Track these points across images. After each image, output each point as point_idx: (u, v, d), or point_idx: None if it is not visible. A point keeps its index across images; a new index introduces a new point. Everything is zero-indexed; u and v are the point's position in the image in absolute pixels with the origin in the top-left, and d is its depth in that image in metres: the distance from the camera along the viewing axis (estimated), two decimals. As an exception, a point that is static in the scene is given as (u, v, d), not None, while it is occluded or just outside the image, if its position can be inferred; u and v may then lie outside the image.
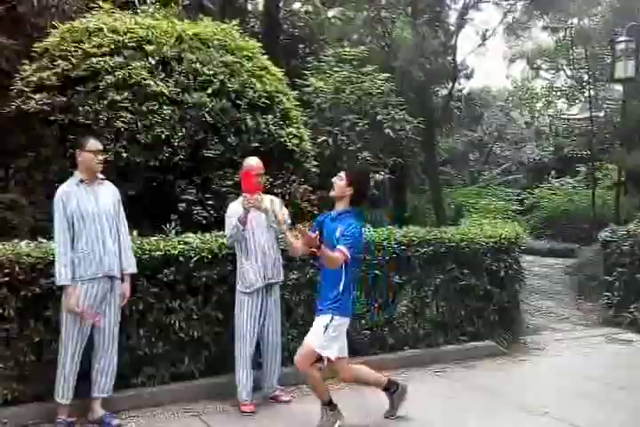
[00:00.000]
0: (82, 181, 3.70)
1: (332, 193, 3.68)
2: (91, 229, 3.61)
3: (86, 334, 3.65)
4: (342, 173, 3.65)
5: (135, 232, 4.13)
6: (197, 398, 4.15)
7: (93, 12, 5.85)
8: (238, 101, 5.44)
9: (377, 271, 4.92)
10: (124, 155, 4.97)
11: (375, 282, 4.92)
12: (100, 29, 5.36)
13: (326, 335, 3.52)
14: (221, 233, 4.43)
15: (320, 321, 3.57)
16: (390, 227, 5.37)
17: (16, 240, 3.99)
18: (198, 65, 5.35)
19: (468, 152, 20.31)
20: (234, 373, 4.05)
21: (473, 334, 5.41)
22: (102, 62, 5.12)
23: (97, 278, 3.62)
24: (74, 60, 5.19)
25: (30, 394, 3.79)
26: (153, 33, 5.39)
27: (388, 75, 8.78)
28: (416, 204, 13.62)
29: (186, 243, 4.31)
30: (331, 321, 3.53)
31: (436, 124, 13.01)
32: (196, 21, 5.98)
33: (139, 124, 5.03)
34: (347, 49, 9.10)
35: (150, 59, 5.22)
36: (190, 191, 5.14)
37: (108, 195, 3.78)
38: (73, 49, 5.25)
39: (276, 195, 4.61)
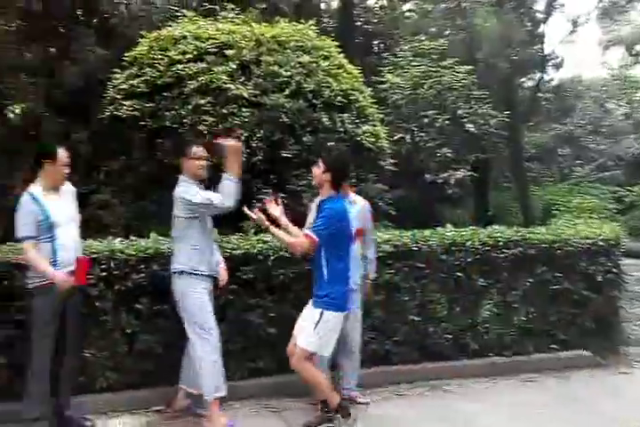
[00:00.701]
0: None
1: (313, 182, 3.77)
2: None
3: None
4: (319, 161, 3.65)
5: (215, 231, 4.36)
6: (274, 394, 4.28)
7: (178, 21, 6.22)
8: (314, 101, 5.60)
9: (459, 273, 4.85)
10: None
11: (457, 284, 4.86)
12: (185, 37, 5.71)
13: (316, 333, 3.47)
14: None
15: (311, 316, 3.52)
16: (473, 227, 5.28)
17: (110, 238, 4.35)
18: (276, 67, 5.56)
19: (558, 147, 19.38)
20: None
21: (565, 343, 5.16)
22: (186, 69, 5.45)
23: None
24: (160, 68, 5.57)
25: (123, 382, 4.10)
26: (233, 38, 5.67)
27: (469, 67, 8.62)
28: (500, 202, 13.24)
29: (264, 242, 4.49)
30: (320, 317, 3.46)
31: (522, 118, 12.59)
32: (273, 24, 6.20)
33: (220, 126, 5.30)
34: (425, 43, 9.02)
35: (231, 63, 5.49)
36: (266, 191, 5.32)
37: None
38: (159, 57, 5.63)
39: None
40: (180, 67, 5.48)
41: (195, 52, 5.57)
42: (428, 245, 4.76)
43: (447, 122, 7.99)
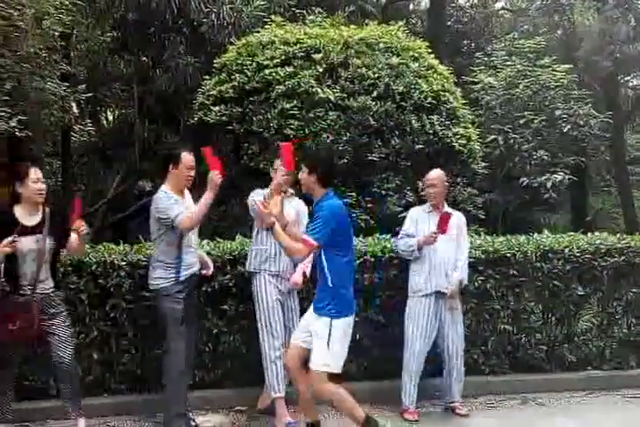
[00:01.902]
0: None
1: (304, 189, 3.59)
2: None
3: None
4: (303, 166, 3.49)
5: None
6: (357, 400, 4.35)
7: (266, 27, 6.48)
8: (403, 103, 5.65)
9: (555, 282, 4.72)
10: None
11: (553, 293, 4.74)
12: (273, 42, 5.95)
13: (330, 349, 3.28)
14: (383, 236, 4.65)
15: (320, 333, 3.31)
16: (572, 233, 5.13)
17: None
18: (364, 69, 5.67)
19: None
20: (401, 378, 4.17)
21: (672, 358, 4.92)
22: (274, 73, 5.67)
23: None
24: (248, 73, 5.82)
25: (208, 381, 4.31)
26: (321, 41, 5.84)
27: (568, 66, 8.35)
28: (600, 207, 12.62)
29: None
30: (330, 328, 3.29)
31: (626, 119, 11.98)
32: (361, 26, 6.33)
33: (306, 130, 5.47)
34: (520, 41, 8.83)
35: (318, 66, 5.65)
36: (350, 194, 5.42)
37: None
38: (248, 62, 5.89)
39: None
40: (267, 72, 5.70)
41: (282, 57, 5.78)
42: (522, 251, 4.68)
43: (543, 123, 7.77)
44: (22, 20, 5.47)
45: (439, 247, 4.09)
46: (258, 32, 6.45)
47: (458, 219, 4.25)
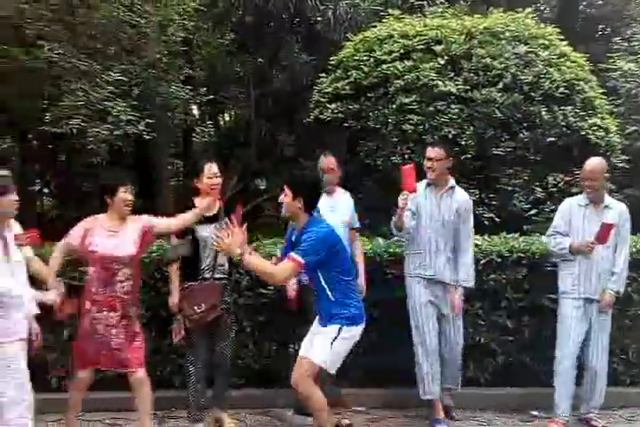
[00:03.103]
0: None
1: (286, 214, 3.45)
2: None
3: None
4: (286, 189, 3.32)
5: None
6: (482, 406, 4.29)
7: (383, 20, 6.56)
8: (532, 94, 5.50)
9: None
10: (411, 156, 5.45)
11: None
12: (391, 36, 6.01)
13: (332, 348, 3.25)
14: (510, 236, 4.54)
15: (327, 332, 3.28)
16: None
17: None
18: (488, 60, 5.58)
19: None
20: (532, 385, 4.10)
21: None
22: (392, 68, 5.73)
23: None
24: (365, 69, 5.92)
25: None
26: (442, 33, 5.82)
27: None
28: None
29: (474, 245, 4.52)
30: (339, 333, 3.26)
31: None
32: (485, 15, 6.22)
33: (426, 125, 5.47)
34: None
35: (439, 59, 5.64)
36: (472, 191, 5.33)
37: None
38: (365, 58, 6.00)
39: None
40: (385, 66, 5.78)
41: (401, 51, 5.82)
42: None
43: (693, 112, 7.18)
44: (149, 27, 5.95)
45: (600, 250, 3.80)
46: (375, 27, 6.54)
47: (619, 215, 3.89)
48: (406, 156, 5.49)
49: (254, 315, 4.35)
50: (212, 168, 3.85)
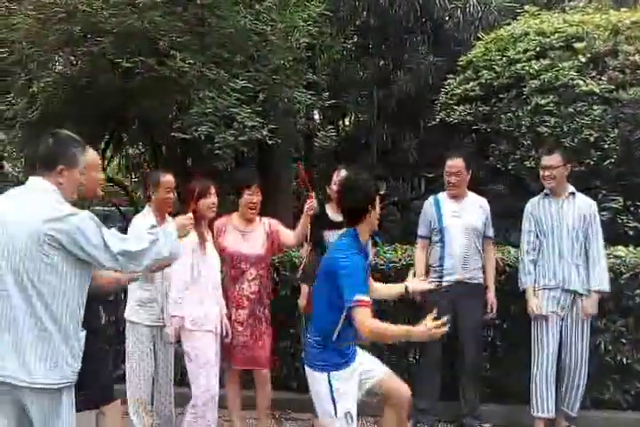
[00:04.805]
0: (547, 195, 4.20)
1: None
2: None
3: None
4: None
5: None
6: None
7: (518, 18, 6.46)
8: (693, 93, 5.17)
9: None
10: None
11: None
12: (526, 34, 5.91)
13: (340, 416, 2.82)
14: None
15: (319, 388, 2.87)
16: None
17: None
18: (637, 57, 5.32)
19: None
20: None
21: None
22: (527, 67, 5.63)
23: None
24: (497, 69, 5.87)
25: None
26: (583, 29, 5.63)
27: None
28: None
29: (617, 257, 4.36)
30: (330, 383, 2.82)
31: None
32: (634, 8, 5.95)
33: (564, 127, 5.33)
34: None
35: (580, 57, 5.46)
36: (615, 198, 5.15)
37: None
38: (497, 58, 5.94)
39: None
40: (519, 66, 5.68)
41: (537, 49, 5.70)
42: None
43: None
44: (274, 34, 6.26)
45: None
46: (508, 24, 6.46)
47: None
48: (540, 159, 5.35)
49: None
50: (338, 175, 3.87)
